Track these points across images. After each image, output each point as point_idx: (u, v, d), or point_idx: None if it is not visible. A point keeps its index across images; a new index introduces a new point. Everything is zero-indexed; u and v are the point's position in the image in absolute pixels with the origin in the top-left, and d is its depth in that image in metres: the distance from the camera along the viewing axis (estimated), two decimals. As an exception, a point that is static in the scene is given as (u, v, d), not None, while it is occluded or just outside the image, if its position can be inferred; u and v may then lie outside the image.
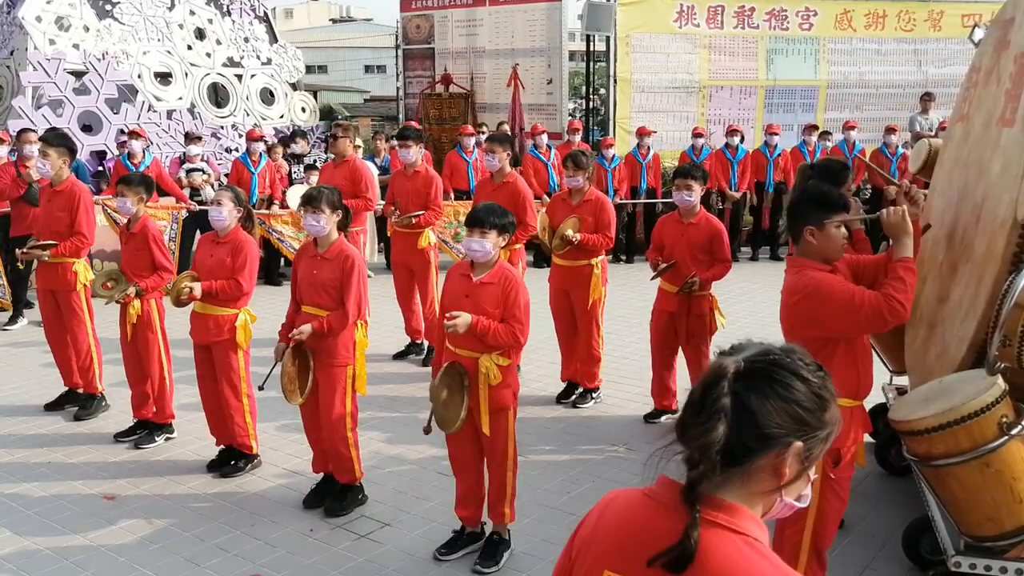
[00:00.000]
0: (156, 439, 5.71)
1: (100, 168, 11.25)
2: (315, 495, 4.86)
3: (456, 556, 4.29)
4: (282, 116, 14.03)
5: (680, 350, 6.03)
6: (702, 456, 1.43)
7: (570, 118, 14.10)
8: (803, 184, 4.30)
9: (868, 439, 3.87)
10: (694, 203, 5.81)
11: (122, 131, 11.23)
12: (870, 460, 4.76)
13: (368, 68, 39.11)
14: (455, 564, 4.25)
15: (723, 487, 1.48)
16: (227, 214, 5.08)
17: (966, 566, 3.51)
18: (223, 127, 13.13)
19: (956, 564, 3.53)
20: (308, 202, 4.64)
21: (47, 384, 6.64)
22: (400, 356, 7.61)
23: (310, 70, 22.21)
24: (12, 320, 8.57)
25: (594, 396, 6.50)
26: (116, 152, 11.07)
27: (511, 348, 4.10)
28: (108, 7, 12.45)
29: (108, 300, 5.61)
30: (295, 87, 14.57)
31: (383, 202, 8.52)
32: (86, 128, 11.56)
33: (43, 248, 5.98)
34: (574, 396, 6.51)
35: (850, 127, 12.09)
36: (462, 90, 14.79)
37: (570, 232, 6.12)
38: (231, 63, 13.65)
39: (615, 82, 13.39)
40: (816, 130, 12.17)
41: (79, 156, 8.92)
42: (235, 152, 12.47)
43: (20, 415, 6.22)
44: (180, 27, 13.15)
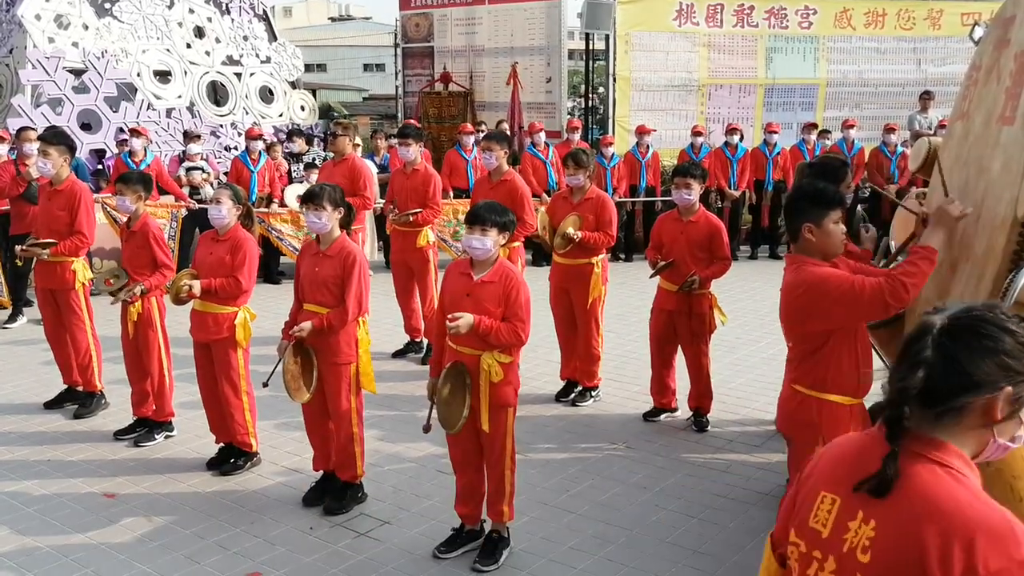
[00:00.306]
0: (156, 437, 5.72)
1: (99, 166, 11.25)
2: (315, 493, 4.87)
3: (455, 554, 4.30)
4: (281, 114, 14.03)
5: (680, 349, 6.03)
6: (900, 398, 1.65)
7: (569, 116, 14.08)
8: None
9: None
10: (693, 201, 5.80)
11: (121, 129, 11.24)
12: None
13: (367, 66, 39.00)
14: (454, 562, 4.26)
15: (936, 427, 1.66)
16: (226, 212, 5.09)
17: None
18: (222, 125, 13.13)
19: None
20: (309, 199, 4.63)
21: (47, 382, 6.64)
22: (399, 354, 7.61)
23: (309, 68, 22.23)
24: (12, 318, 8.57)
25: (593, 394, 6.50)
26: (115, 150, 11.07)
27: (513, 346, 4.10)
28: (107, 5, 12.45)
29: (115, 300, 5.61)
30: (294, 85, 14.58)
31: (382, 200, 8.53)
32: (85, 126, 11.55)
33: (42, 247, 5.97)
34: (573, 394, 6.51)
35: (849, 125, 12.09)
36: (461, 88, 14.79)
37: (571, 230, 6.11)
38: (230, 61, 13.65)
39: (614, 80, 13.38)
40: (815, 129, 12.17)
41: (78, 154, 8.92)
42: (234, 150, 12.47)
43: (20, 413, 6.22)
44: (179, 25, 13.16)
